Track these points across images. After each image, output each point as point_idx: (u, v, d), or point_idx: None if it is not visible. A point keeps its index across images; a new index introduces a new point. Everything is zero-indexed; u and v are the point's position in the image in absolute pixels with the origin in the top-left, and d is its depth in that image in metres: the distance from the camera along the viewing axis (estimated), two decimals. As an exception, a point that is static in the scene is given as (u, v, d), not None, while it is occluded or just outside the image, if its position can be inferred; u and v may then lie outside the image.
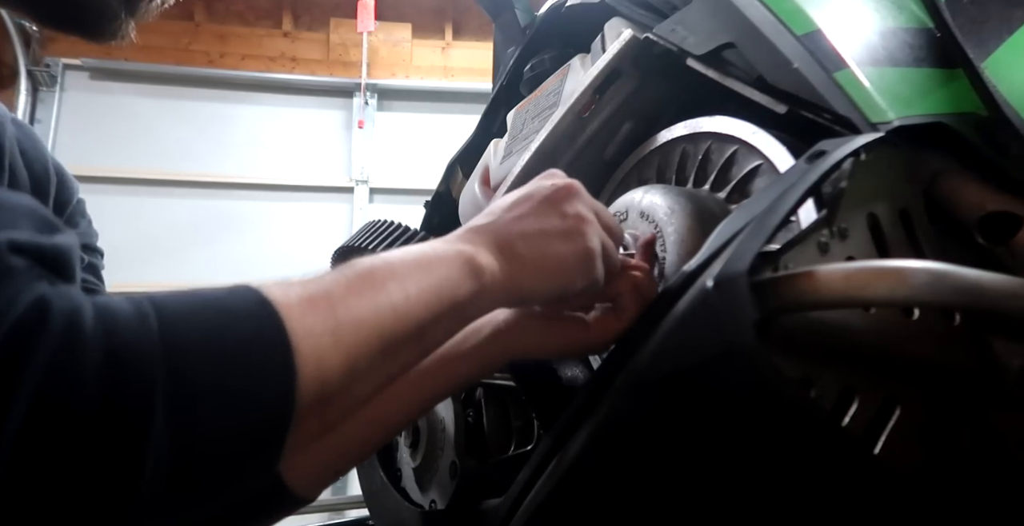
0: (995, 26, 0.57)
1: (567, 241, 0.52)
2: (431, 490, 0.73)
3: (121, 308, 0.36)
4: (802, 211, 0.51)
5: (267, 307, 0.39)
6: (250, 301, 0.39)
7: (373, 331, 0.42)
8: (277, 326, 0.39)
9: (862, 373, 0.45)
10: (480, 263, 0.48)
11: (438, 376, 0.58)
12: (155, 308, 0.36)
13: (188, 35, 3.88)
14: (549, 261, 0.51)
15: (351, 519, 1.67)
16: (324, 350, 0.40)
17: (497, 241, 0.51)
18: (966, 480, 0.47)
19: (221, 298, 0.39)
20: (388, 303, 0.43)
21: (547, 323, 0.57)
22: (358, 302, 0.43)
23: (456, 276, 0.47)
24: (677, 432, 0.46)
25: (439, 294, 0.46)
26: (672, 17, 0.71)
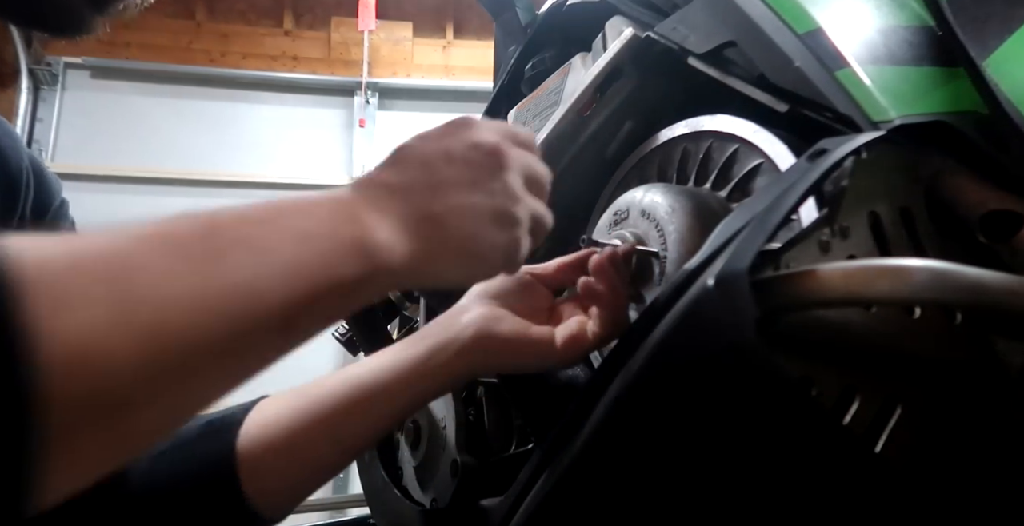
0: (996, 24, 0.57)
1: (497, 226, 0.45)
2: (432, 489, 0.73)
3: None
4: (803, 210, 0.51)
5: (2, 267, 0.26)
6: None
7: (198, 313, 0.30)
8: (8, 296, 0.25)
9: (863, 372, 0.45)
10: (378, 242, 0.39)
11: (402, 394, 0.57)
12: None
13: (189, 34, 3.88)
14: (474, 250, 0.44)
15: (352, 518, 1.67)
16: (94, 330, 0.27)
17: (417, 218, 0.42)
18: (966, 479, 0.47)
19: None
20: (230, 279, 0.32)
21: (515, 341, 0.56)
22: (176, 270, 0.30)
23: (342, 250, 0.37)
24: (677, 431, 0.46)
25: (316, 272, 0.36)
26: (673, 16, 0.71)
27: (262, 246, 0.34)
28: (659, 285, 0.59)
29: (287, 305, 0.34)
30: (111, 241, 0.30)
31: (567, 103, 0.78)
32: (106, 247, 0.30)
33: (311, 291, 0.35)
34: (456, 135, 0.46)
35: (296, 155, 3.81)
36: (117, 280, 0.28)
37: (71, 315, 0.27)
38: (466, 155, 0.45)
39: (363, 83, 3.87)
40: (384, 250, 0.39)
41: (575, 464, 0.49)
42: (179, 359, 0.30)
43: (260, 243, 0.34)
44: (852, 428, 0.43)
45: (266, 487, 0.57)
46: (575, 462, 0.49)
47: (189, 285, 0.30)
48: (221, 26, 3.95)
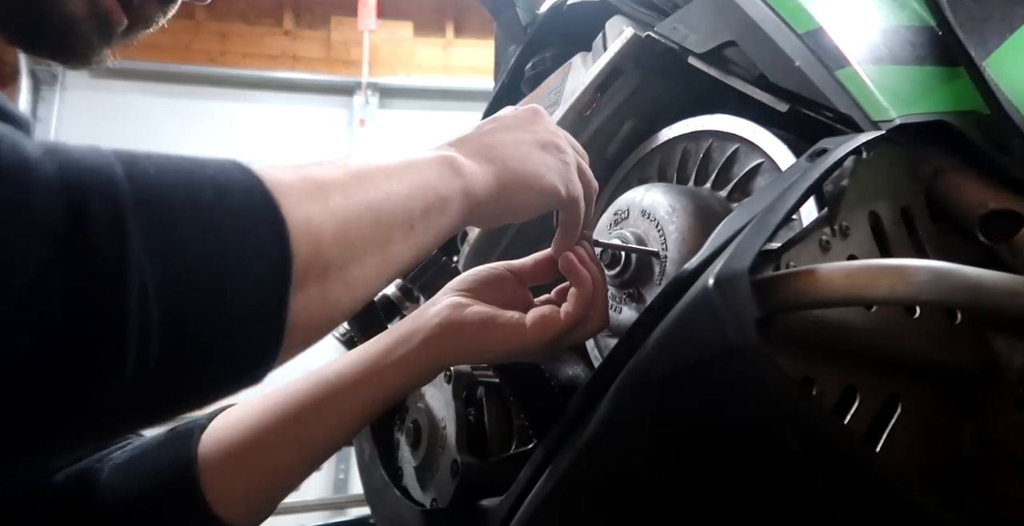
0: (997, 24, 0.57)
1: (545, 151, 0.53)
2: (432, 489, 0.73)
3: (77, 148, 0.31)
4: (803, 209, 0.51)
5: (246, 169, 0.36)
6: (228, 163, 0.37)
7: (363, 207, 0.41)
8: (258, 184, 0.36)
9: (863, 372, 0.45)
10: (463, 167, 0.48)
11: (366, 388, 0.56)
12: (118, 155, 0.32)
13: (189, 33, 3.88)
14: (530, 166, 0.51)
15: (353, 518, 1.67)
16: (312, 209, 0.37)
17: (476, 149, 0.51)
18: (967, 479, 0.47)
19: (195, 158, 0.36)
20: (376, 187, 0.42)
21: (481, 326, 0.56)
22: (347, 181, 0.41)
23: (439, 173, 0.47)
24: (678, 431, 0.46)
25: (425, 187, 0.45)
26: (673, 15, 0.71)
27: (391, 171, 0.45)
28: (659, 285, 0.59)
29: (409, 209, 0.44)
30: (305, 164, 0.41)
31: (567, 103, 0.78)
32: (300, 169, 0.40)
33: (424, 201, 0.45)
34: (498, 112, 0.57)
35: (296, 155, 3.81)
36: (319, 182, 0.39)
37: (301, 208, 0.37)
38: (506, 114, 0.56)
39: (363, 83, 3.87)
40: (466, 170, 0.48)
41: (575, 464, 0.49)
42: (355, 239, 0.40)
43: (389, 170, 0.45)
44: (853, 428, 0.43)
45: (229, 492, 0.56)
46: (575, 462, 0.49)
47: (356, 188, 0.41)
48: (221, 26, 3.95)
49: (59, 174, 0.28)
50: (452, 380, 0.72)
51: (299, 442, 0.57)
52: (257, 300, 0.34)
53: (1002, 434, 0.47)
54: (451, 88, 3.99)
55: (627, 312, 0.63)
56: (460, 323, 0.56)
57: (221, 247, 0.32)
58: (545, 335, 0.55)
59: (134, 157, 0.32)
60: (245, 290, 0.33)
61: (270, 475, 0.58)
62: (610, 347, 0.68)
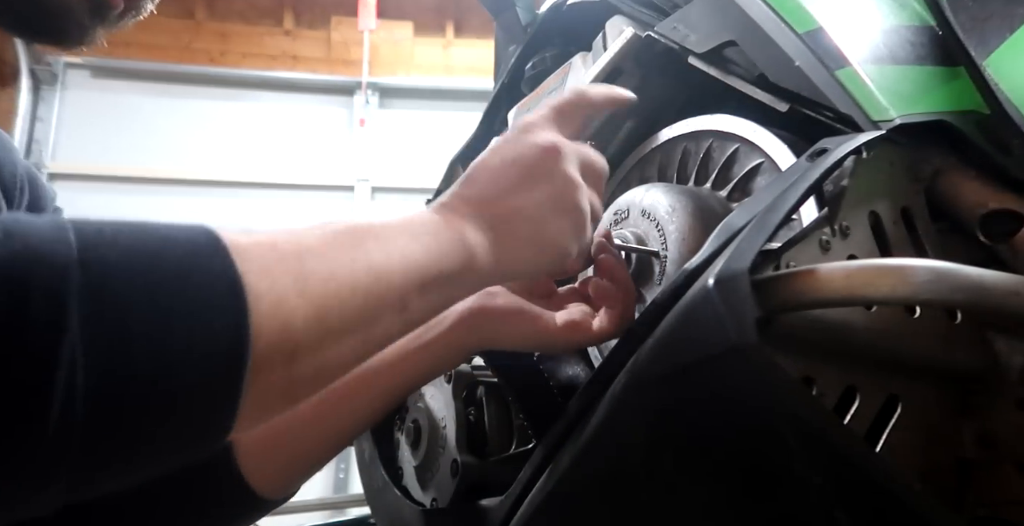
0: (997, 24, 0.57)
1: (560, 213, 0.49)
2: (432, 488, 0.73)
3: (32, 219, 0.31)
4: (803, 209, 0.51)
5: (219, 247, 0.34)
6: (201, 238, 0.34)
7: (347, 287, 0.38)
8: (228, 266, 0.33)
9: (863, 372, 0.45)
10: (470, 241, 0.45)
11: (397, 369, 0.58)
12: (73, 224, 0.31)
13: (189, 33, 3.88)
14: (544, 238, 0.49)
15: (352, 518, 1.67)
16: (284, 292, 0.35)
17: (490, 218, 0.47)
18: (967, 479, 0.47)
19: (157, 226, 0.34)
20: (366, 262, 0.39)
21: (511, 315, 0.56)
22: (333, 254, 0.38)
23: (445, 247, 0.44)
24: (677, 431, 0.46)
25: (425, 263, 0.42)
26: (673, 15, 0.71)
27: (388, 240, 0.42)
28: (659, 285, 0.59)
29: (404, 287, 0.41)
30: (290, 231, 0.39)
31: (567, 102, 0.78)
32: (281, 237, 0.38)
33: (421, 278, 0.42)
34: (517, 141, 0.51)
35: (296, 155, 3.81)
36: (298, 257, 0.37)
37: (274, 290, 0.35)
38: (525, 156, 0.50)
39: (363, 83, 3.87)
40: (476, 247, 0.46)
41: (575, 464, 0.49)
42: (332, 321, 0.37)
43: (386, 239, 0.42)
44: (853, 428, 0.43)
45: (263, 466, 0.57)
46: (575, 462, 0.49)
47: (340, 265, 0.38)
48: (221, 25, 3.95)
49: (8, 261, 0.28)
50: (452, 380, 0.72)
51: (331, 420, 0.58)
52: (205, 392, 0.32)
53: (1002, 434, 0.47)
54: (451, 88, 3.99)
55: (627, 312, 0.63)
56: (490, 309, 0.57)
57: (170, 339, 0.31)
58: (572, 337, 0.56)
59: (97, 241, 0.31)
60: (192, 381, 0.32)
61: (303, 451, 0.59)
62: (610, 347, 0.68)
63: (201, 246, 0.34)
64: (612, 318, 0.57)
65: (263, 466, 0.57)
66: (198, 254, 0.33)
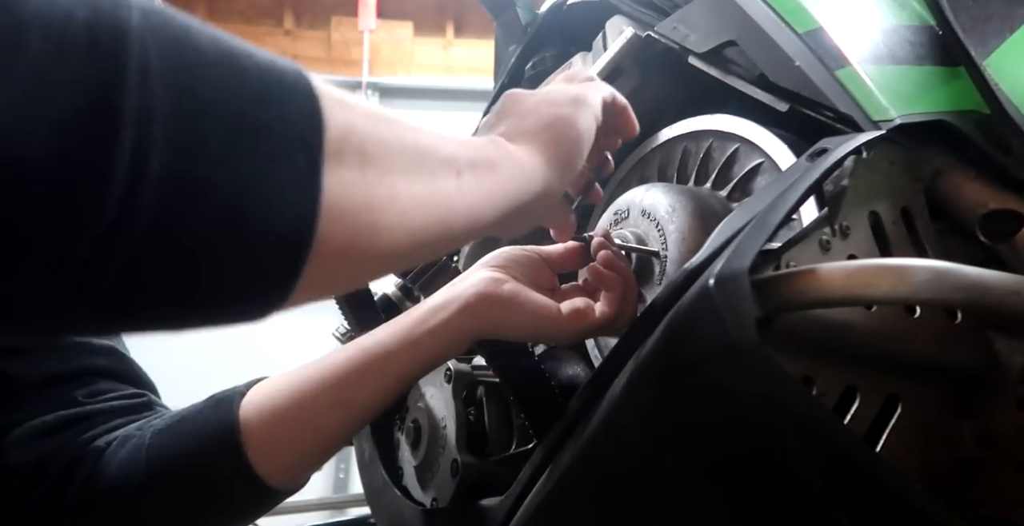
0: (997, 24, 0.57)
1: (582, 105, 0.52)
2: (432, 488, 0.73)
3: None
4: (804, 209, 0.51)
5: (306, 81, 0.32)
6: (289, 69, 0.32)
7: (410, 136, 0.38)
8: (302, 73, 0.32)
9: (864, 372, 0.45)
10: (505, 143, 0.47)
11: (404, 355, 0.58)
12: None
13: (189, 33, 3.88)
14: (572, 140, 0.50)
15: (352, 518, 1.67)
16: (352, 115, 0.33)
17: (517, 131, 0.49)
18: (967, 479, 0.47)
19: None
20: (423, 132, 0.39)
21: (518, 301, 0.57)
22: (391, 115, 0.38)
23: (486, 142, 0.45)
24: (678, 431, 0.46)
25: (469, 148, 0.43)
26: (673, 15, 0.71)
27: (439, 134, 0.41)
28: (659, 285, 0.59)
29: (454, 158, 0.41)
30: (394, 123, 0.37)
31: (567, 102, 0.78)
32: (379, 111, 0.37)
33: (468, 157, 0.42)
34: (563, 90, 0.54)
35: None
36: (369, 110, 0.36)
37: (338, 108, 0.33)
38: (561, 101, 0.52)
39: (363, 82, 3.87)
40: (512, 149, 0.47)
41: (575, 464, 0.49)
42: (395, 156, 0.36)
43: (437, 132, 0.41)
44: (853, 427, 0.43)
45: (272, 455, 0.57)
46: (575, 462, 0.49)
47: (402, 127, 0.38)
48: (221, 26, 3.91)
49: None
50: (452, 380, 0.72)
51: (340, 408, 0.58)
52: (284, 133, 0.29)
53: (1002, 434, 0.47)
54: (451, 88, 3.98)
55: (627, 312, 0.63)
56: (497, 294, 0.57)
57: (247, 87, 0.29)
58: (578, 325, 0.57)
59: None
60: (270, 122, 0.29)
61: (311, 439, 0.59)
62: (610, 346, 0.68)
63: (291, 85, 0.31)
64: (612, 302, 0.58)
65: (273, 452, 0.58)
66: (290, 87, 0.31)
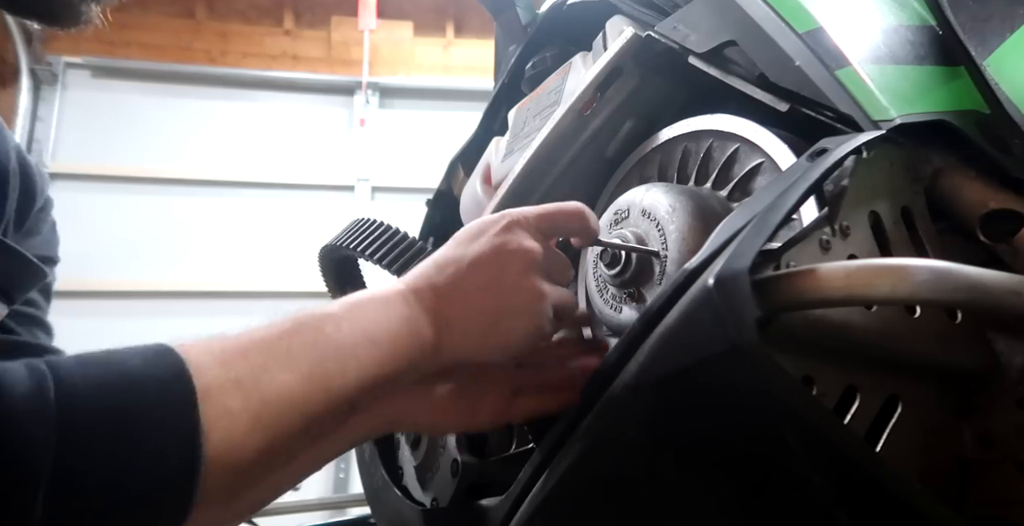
0: (997, 24, 0.57)
1: (522, 318, 0.52)
2: (432, 488, 0.73)
3: (18, 382, 0.35)
4: (804, 209, 0.51)
5: (183, 384, 0.38)
6: (166, 375, 0.38)
7: (298, 410, 0.42)
8: (189, 410, 0.38)
9: (864, 371, 0.45)
10: (425, 337, 0.49)
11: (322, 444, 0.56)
12: (55, 382, 0.35)
13: (189, 33, 3.88)
14: (499, 337, 0.52)
15: (353, 518, 1.66)
16: (239, 434, 0.39)
17: (450, 313, 0.50)
18: (967, 478, 0.47)
19: (133, 371, 0.38)
20: (323, 382, 0.43)
21: (435, 404, 0.56)
22: (290, 378, 0.42)
23: (402, 353, 0.48)
24: (678, 431, 0.46)
25: (379, 372, 0.46)
26: (673, 15, 0.71)
27: (344, 351, 0.45)
28: (659, 285, 0.59)
29: (358, 394, 0.45)
30: (252, 353, 0.42)
31: (567, 102, 0.78)
32: (244, 366, 0.41)
33: (372, 383, 0.46)
34: (487, 237, 0.54)
35: (296, 154, 3.81)
36: (254, 395, 0.40)
37: (224, 425, 0.38)
38: (497, 263, 0.53)
39: (363, 82, 3.87)
40: (430, 346, 0.49)
41: (575, 464, 0.49)
42: (279, 444, 0.41)
43: (343, 349, 0.45)
44: (853, 428, 0.43)
45: None
46: (575, 462, 0.49)
47: (295, 389, 0.42)
48: (221, 25, 3.95)
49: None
50: (452, 380, 0.72)
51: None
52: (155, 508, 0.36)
53: (1003, 434, 0.47)
54: (451, 88, 3.98)
55: (627, 312, 0.63)
56: (416, 397, 0.55)
57: (122, 498, 0.35)
58: (496, 420, 0.58)
59: (62, 385, 0.35)
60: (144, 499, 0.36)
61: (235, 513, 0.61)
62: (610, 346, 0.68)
63: (169, 403, 0.38)
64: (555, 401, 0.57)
65: None
66: (170, 414, 0.38)
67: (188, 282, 3.48)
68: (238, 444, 0.39)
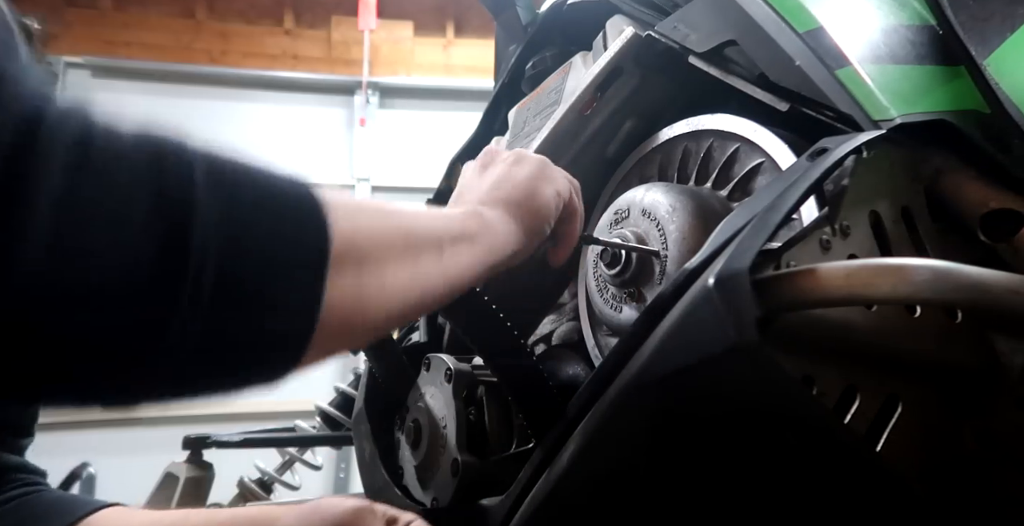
0: (998, 23, 0.57)
1: (549, 180, 0.59)
2: (433, 488, 0.73)
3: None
4: (804, 209, 0.51)
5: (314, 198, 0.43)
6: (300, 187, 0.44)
7: (395, 225, 0.47)
8: (311, 191, 0.43)
9: (864, 371, 0.45)
10: (482, 212, 0.55)
11: None
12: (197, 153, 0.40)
13: (190, 33, 3.88)
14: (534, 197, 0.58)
15: (353, 517, 1.66)
16: (353, 219, 0.44)
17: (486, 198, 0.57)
18: (967, 478, 0.47)
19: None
20: (408, 215, 0.49)
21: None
22: (381, 206, 0.48)
23: (465, 215, 0.54)
24: (678, 430, 0.46)
25: (451, 223, 0.52)
26: (674, 14, 0.71)
27: (422, 211, 0.52)
28: (660, 284, 0.59)
29: (438, 237, 0.50)
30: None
31: (568, 102, 0.78)
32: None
33: (450, 233, 0.51)
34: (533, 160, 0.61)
35: (296, 154, 3.81)
36: (361, 206, 0.46)
37: (344, 213, 0.43)
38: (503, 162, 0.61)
39: (363, 82, 3.87)
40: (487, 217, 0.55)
41: (575, 464, 0.49)
42: (387, 249, 0.45)
43: (420, 210, 0.52)
44: (853, 427, 0.43)
45: None
46: (575, 462, 0.49)
47: (391, 216, 0.48)
48: (221, 25, 3.95)
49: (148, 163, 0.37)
50: (452, 379, 0.72)
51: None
52: (299, 261, 0.39)
53: (1003, 434, 0.47)
54: (451, 87, 3.98)
55: (627, 311, 0.63)
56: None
57: (273, 208, 0.40)
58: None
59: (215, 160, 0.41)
60: (289, 252, 0.39)
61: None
62: (610, 346, 0.68)
63: (302, 196, 0.43)
64: None
65: None
66: (301, 199, 0.43)
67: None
68: (353, 225, 0.43)
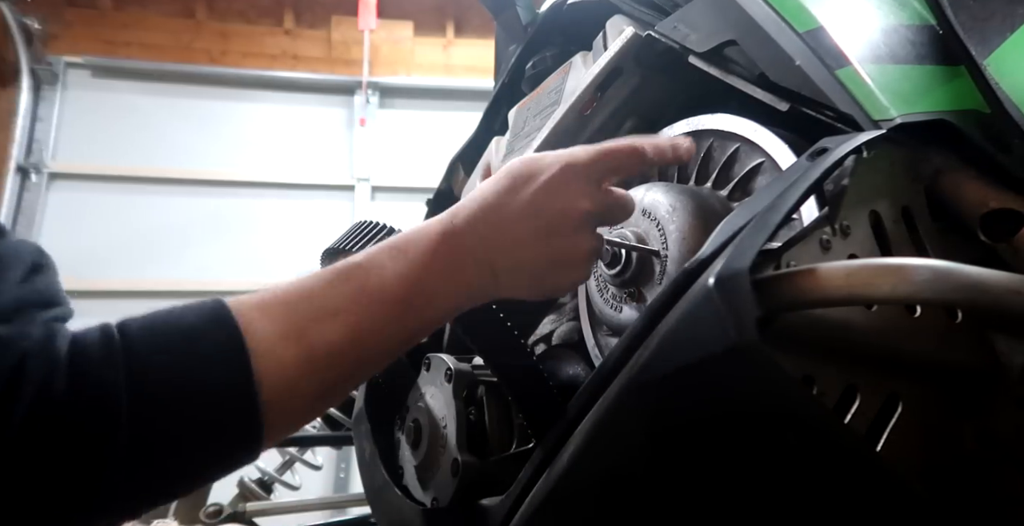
0: (998, 23, 0.57)
1: (570, 272, 0.54)
2: (433, 488, 0.73)
3: (91, 341, 0.41)
4: (804, 209, 0.51)
5: (236, 341, 0.43)
6: (222, 336, 0.43)
7: (348, 357, 0.46)
8: (244, 363, 0.43)
9: (864, 371, 0.45)
10: (473, 287, 0.52)
11: None
12: (124, 346, 0.41)
13: (190, 33, 3.88)
14: (544, 287, 0.54)
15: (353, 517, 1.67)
16: (295, 384, 0.44)
17: (497, 263, 0.52)
18: (967, 478, 0.47)
19: (194, 335, 0.43)
20: (371, 331, 0.47)
21: None
22: (337, 328, 0.46)
23: (450, 305, 0.51)
24: (678, 430, 0.46)
25: (428, 318, 0.50)
26: (674, 14, 0.71)
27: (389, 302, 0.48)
28: (660, 284, 0.59)
29: (410, 337, 0.50)
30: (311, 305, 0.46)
31: (568, 102, 0.78)
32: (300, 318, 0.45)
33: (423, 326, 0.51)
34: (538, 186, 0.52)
35: (296, 154, 3.81)
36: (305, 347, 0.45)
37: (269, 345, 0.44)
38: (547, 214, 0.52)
39: (363, 82, 3.87)
40: (477, 293, 0.52)
41: (575, 464, 0.49)
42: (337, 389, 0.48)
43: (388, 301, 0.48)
44: (853, 427, 0.43)
45: None
46: (575, 462, 0.49)
47: (344, 340, 0.46)
48: (221, 25, 3.95)
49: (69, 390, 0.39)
50: (452, 379, 0.72)
51: None
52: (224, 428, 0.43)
53: (1003, 433, 0.47)
54: (451, 87, 3.98)
55: (627, 311, 0.63)
56: None
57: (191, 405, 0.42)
58: None
59: (144, 369, 0.41)
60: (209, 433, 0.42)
61: None
62: (610, 346, 0.68)
63: (220, 342, 0.43)
64: None
65: None
66: (217, 351, 0.43)
67: (188, 281, 3.48)
68: (293, 390, 0.44)
